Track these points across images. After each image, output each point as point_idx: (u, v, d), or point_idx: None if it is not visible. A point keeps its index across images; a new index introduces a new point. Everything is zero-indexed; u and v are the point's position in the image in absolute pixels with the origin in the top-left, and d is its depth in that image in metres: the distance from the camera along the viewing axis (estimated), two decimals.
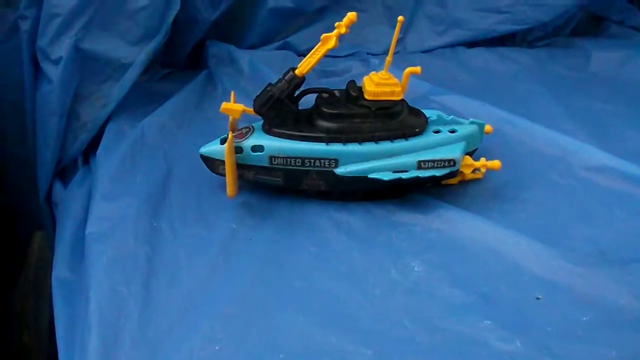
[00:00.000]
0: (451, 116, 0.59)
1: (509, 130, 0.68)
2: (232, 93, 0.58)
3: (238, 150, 0.55)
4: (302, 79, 0.53)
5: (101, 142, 0.65)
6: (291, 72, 0.53)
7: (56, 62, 0.63)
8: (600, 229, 0.56)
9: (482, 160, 0.58)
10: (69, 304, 0.51)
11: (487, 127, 0.61)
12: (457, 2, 0.84)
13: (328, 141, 0.54)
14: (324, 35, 0.51)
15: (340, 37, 0.83)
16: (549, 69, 0.83)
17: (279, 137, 0.55)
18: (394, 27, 0.84)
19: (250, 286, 0.49)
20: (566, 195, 0.60)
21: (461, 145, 0.56)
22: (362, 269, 0.51)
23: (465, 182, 0.60)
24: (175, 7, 0.67)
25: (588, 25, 0.92)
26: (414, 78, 0.75)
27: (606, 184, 0.61)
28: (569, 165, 0.63)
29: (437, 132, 0.57)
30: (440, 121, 0.58)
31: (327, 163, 0.55)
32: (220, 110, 0.55)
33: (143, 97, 0.72)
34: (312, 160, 0.55)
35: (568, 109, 0.73)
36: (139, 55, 0.67)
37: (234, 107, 0.55)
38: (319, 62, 0.53)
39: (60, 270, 0.54)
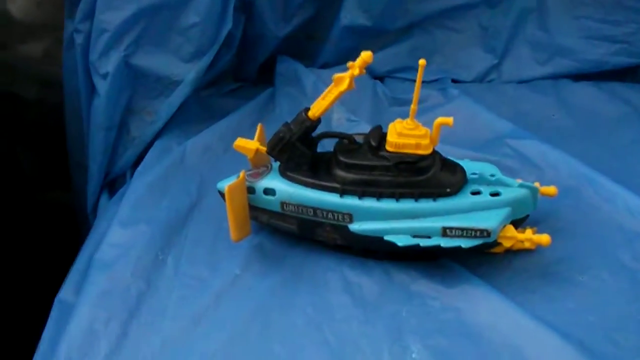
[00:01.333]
0: (497, 176, 0.51)
1: (587, 192, 0.58)
2: (259, 127, 0.54)
3: (250, 190, 0.52)
4: (317, 122, 0.49)
5: (144, 159, 0.66)
6: (303, 114, 0.49)
7: (104, 76, 0.64)
8: None
9: (529, 231, 0.50)
10: (58, 327, 0.51)
11: (550, 190, 0.52)
12: (564, 27, 0.74)
13: (343, 193, 0.49)
14: (336, 75, 0.47)
15: (426, 57, 0.79)
16: None
17: (292, 181, 0.51)
18: (489, 52, 0.78)
19: (227, 344, 0.47)
20: (633, 285, 0.50)
21: (503, 213, 0.49)
22: (353, 345, 0.46)
23: (512, 252, 0.52)
24: (228, 24, 0.65)
25: None
26: (495, 116, 0.68)
27: None
28: None
29: (476, 193, 0.50)
30: (483, 180, 0.51)
31: (340, 217, 0.50)
32: (234, 146, 0.52)
33: (202, 113, 0.72)
34: (325, 212, 0.50)
35: None
36: (190, 73, 0.66)
37: (247, 145, 0.52)
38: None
39: (65, 292, 0.55)
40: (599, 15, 0.74)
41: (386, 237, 0.49)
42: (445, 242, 0.48)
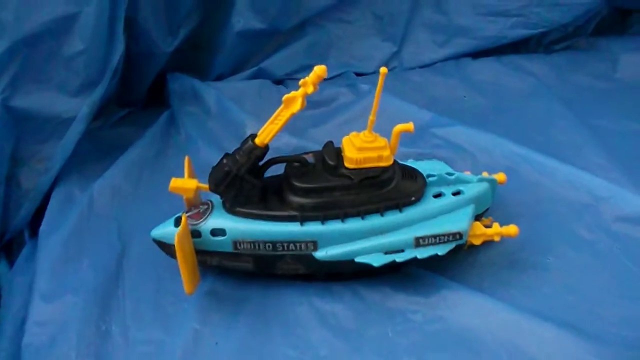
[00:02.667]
0: (455, 174, 0.50)
1: (526, 171, 0.59)
2: (187, 160, 0.49)
3: (195, 234, 0.47)
4: (265, 149, 0.45)
5: (46, 213, 0.58)
6: (250, 142, 0.45)
7: None
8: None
9: (495, 225, 0.49)
10: None
11: (501, 177, 0.52)
12: (460, 7, 0.75)
13: (303, 220, 0.46)
14: (286, 96, 0.43)
15: (323, 53, 0.76)
16: (570, 80, 0.73)
17: (243, 217, 0.46)
18: (386, 40, 0.77)
19: None
20: (597, 257, 0.52)
21: (468, 211, 0.48)
22: None
23: (474, 246, 0.51)
24: (119, 48, 0.58)
25: (612, 21, 0.82)
26: (413, 106, 0.67)
27: None
28: (599, 215, 0.55)
29: (438, 195, 0.49)
30: (442, 181, 0.49)
31: (303, 246, 0.46)
32: (170, 189, 0.46)
33: (96, 150, 0.64)
34: (285, 244, 0.46)
35: (595, 133, 0.64)
36: (82, 108, 0.58)
37: (185, 185, 0.47)
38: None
39: None
40: None
41: (357, 259, 0.46)
42: (420, 253, 0.46)
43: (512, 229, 0.49)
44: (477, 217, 0.51)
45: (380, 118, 0.68)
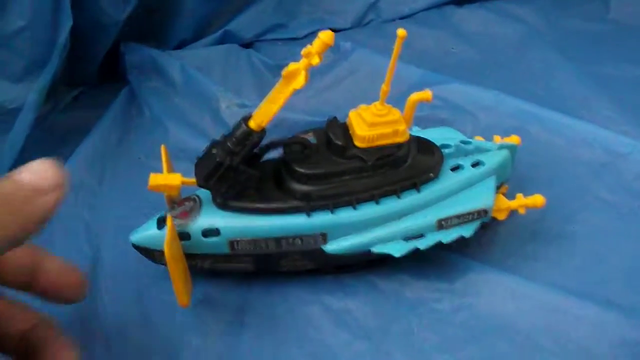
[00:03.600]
0: (472, 142, 0.45)
1: (536, 130, 0.55)
2: (163, 150, 0.42)
3: (184, 236, 0.40)
4: (262, 134, 0.38)
5: None
6: (244, 127, 0.38)
7: None
8: None
9: (519, 197, 0.45)
10: None
11: (515, 140, 0.48)
12: None
13: (309, 211, 0.40)
14: (286, 70, 0.36)
15: (294, 9, 0.69)
16: (561, 25, 0.69)
17: (239, 212, 0.40)
18: None
19: None
20: (623, 220, 0.49)
21: (491, 184, 0.43)
22: None
23: (495, 220, 0.47)
24: (67, 22, 0.51)
25: None
26: (399, 62, 0.62)
27: None
28: (619, 174, 0.51)
29: (455, 168, 0.44)
30: (460, 151, 0.44)
31: (311, 240, 0.41)
32: (149, 188, 0.40)
33: (49, 139, 0.56)
34: (291, 240, 0.41)
35: (598, 82, 0.60)
36: (29, 95, 0.50)
37: (168, 181, 0.40)
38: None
39: None
40: None
41: (374, 250, 0.41)
42: (444, 237, 0.41)
43: (538, 199, 0.44)
44: (497, 188, 0.46)
45: (362, 77, 0.63)
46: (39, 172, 0.27)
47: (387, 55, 0.64)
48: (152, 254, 0.42)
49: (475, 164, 0.44)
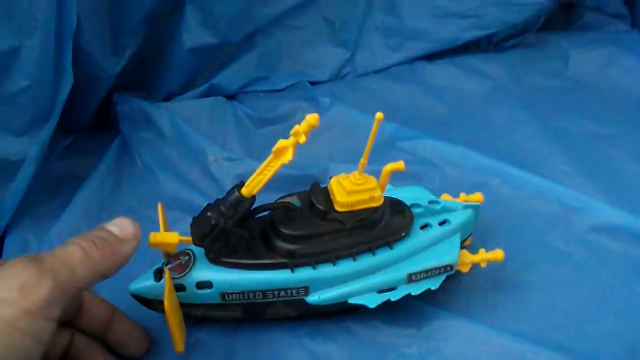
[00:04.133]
0: (440, 203, 0.50)
1: (497, 185, 0.60)
2: (160, 209, 0.47)
3: (179, 287, 0.45)
4: (252, 200, 0.43)
5: None
6: (237, 193, 0.43)
7: None
8: (623, 318, 0.50)
9: (481, 252, 0.50)
10: None
11: (478, 197, 0.53)
12: (413, 10, 0.74)
13: (294, 266, 0.45)
14: (276, 147, 0.41)
15: (275, 63, 0.74)
16: (525, 81, 0.75)
17: (230, 267, 0.45)
18: (338, 46, 0.76)
19: None
20: (576, 270, 0.54)
21: (456, 241, 0.49)
22: None
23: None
24: (68, 81, 0.55)
25: (557, 16, 0.84)
26: (373, 118, 0.67)
27: (618, 249, 0.55)
28: (573, 227, 0.57)
29: (424, 226, 0.49)
30: (428, 211, 0.50)
31: (295, 292, 0.46)
32: (149, 245, 0.44)
33: (46, 187, 0.60)
34: (277, 292, 0.46)
35: (557, 138, 0.66)
36: (31, 148, 0.54)
37: (166, 239, 0.44)
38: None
39: None
40: None
41: (351, 301, 0.46)
42: (414, 289, 0.47)
43: (498, 254, 0.50)
44: (461, 243, 0.51)
45: (340, 131, 0.68)
46: (122, 225, 0.38)
47: (363, 109, 0.70)
48: (150, 303, 0.47)
49: (442, 223, 0.49)
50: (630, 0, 0.86)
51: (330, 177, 0.46)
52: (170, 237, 0.45)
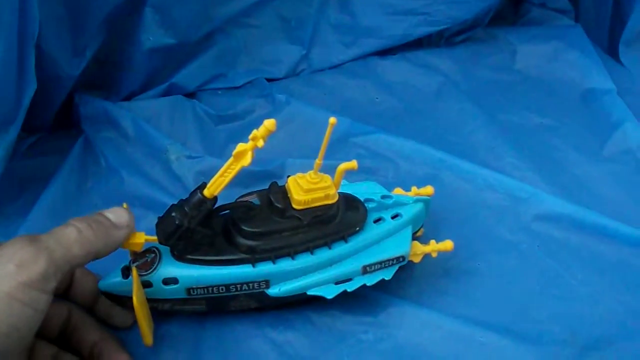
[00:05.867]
0: (392, 198, 0.54)
1: (447, 177, 0.64)
2: (125, 208, 0.50)
3: (146, 284, 0.48)
4: (214, 201, 0.46)
5: None
6: (199, 195, 0.46)
7: None
8: (564, 302, 0.55)
9: (432, 242, 0.54)
10: None
11: (429, 191, 0.57)
12: (366, 7, 0.78)
13: (255, 262, 0.48)
14: (236, 150, 0.44)
15: (233, 61, 0.77)
16: (474, 75, 0.79)
17: (195, 264, 0.48)
18: (294, 43, 0.79)
19: None
20: (521, 258, 0.58)
21: (408, 233, 0.53)
22: None
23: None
24: (32, 86, 0.57)
25: (505, 11, 0.88)
26: (328, 112, 0.70)
27: (561, 236, 0.60)
28: (518, 217, 0.61)
29: (378, 220, 0.53)
30: (381, 206, 0.53)
31: (256, 285, 0.49)
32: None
33: (12, 186, 0.62)
34: (239, 285, 0.49)
35: (504, 131, 0.70)
36: None
37: (133, 239, 0.47)
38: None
39: None
40: None
41: (310, 292, 0.50)
42: (369, 280, 0.50)
43: (448, 244, 0.53)
44: (413, 234, 0.55)
45: (296, 127, 0.71)
46: (118, 213, 0.44)
47: (319, 105, 0.73)
48: (119, 299, 0.49)
49: (394, 216, 0.53)
50: None
51: (288, 176, 0.50)
52: (136, 237, 0.48)
